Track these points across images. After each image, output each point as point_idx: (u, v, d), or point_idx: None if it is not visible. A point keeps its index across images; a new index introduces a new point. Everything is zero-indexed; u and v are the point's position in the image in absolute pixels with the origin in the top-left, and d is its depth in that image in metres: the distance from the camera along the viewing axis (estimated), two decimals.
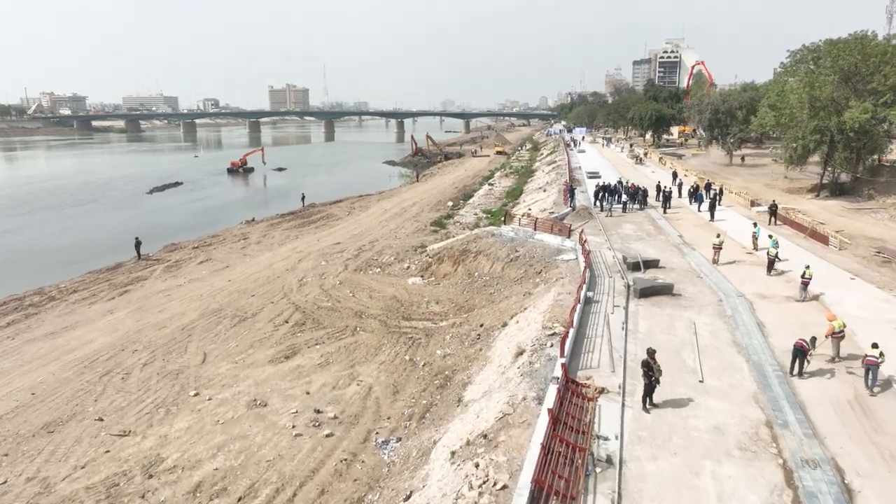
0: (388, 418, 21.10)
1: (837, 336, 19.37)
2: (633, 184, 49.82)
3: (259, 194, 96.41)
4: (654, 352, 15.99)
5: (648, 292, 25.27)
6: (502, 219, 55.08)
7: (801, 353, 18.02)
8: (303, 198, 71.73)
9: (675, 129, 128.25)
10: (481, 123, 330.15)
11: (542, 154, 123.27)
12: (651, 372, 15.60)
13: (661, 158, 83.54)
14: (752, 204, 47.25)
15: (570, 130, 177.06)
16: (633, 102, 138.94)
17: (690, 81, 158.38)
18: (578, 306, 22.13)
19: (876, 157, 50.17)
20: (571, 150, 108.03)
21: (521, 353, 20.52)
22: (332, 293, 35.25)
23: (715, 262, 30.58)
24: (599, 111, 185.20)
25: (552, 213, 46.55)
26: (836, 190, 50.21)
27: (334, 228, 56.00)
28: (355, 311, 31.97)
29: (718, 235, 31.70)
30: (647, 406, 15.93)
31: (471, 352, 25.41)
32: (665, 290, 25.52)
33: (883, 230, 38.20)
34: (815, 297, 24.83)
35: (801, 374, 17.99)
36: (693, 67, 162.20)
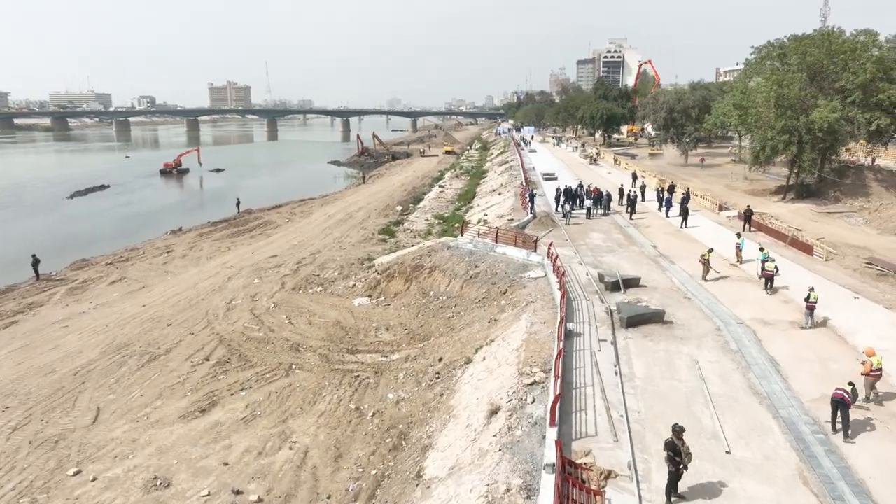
0: (328, 497, 16.60)
1: (875, 374, 16.08)
2: (595, 187, 46.54)
3: (193, 198, 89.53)
4: (683, 431, 12.11)
5: (637, 321, 21.57)
6: (457, 225, 51.08)
7: (842, 405, 14.52)
8: (237, 203, 65.86)
9: (623, 128, 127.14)
10: (428, 122, 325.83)
11: (492, 154, 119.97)
12: (678, 457, 11.72)
13: (615, 159, 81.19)
14: (721, 208, 44.61)
15: (518, 129, 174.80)
16: (582, 101, 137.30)
17: (637, 80, 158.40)
18: (560, 345, 18.14)
19: (840, 157, 48.34)
20: (522, 149, 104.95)
21: (495, 410, 16.37)
22: (264, 319, 30.34)
23: (704, 278, 27.23)
24: (547, 110, 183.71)
25: (511, 219, 42.73)
26: (803, 192, 48.20)
27: (272, 238, 50.72)
28: (291, 343, 27.20)
29: (711, 251, 28.37)
30: (673, 499, 12.03)
31: (429, 396, 21.15)
32: (655, 318, 21.87)
33: (862, 236, 35.89)
34: (823, 323, 21.62)
35: (845, 433, 14.47)
36: (640, 66, 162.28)
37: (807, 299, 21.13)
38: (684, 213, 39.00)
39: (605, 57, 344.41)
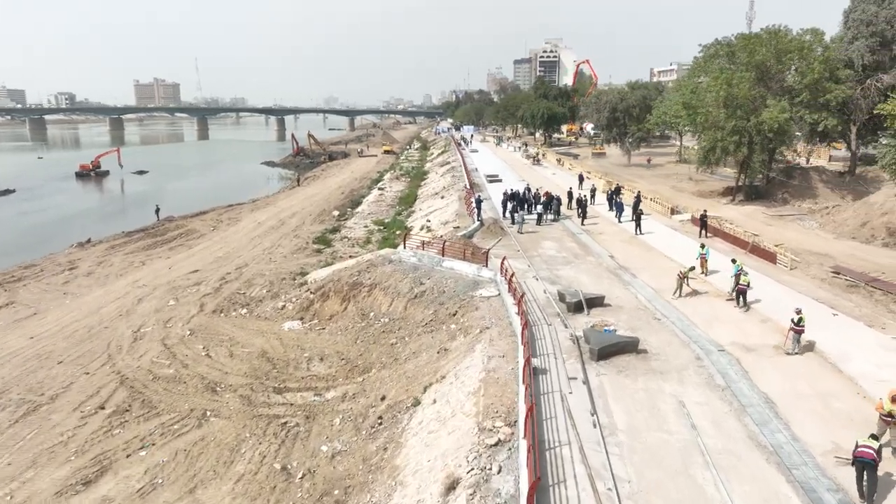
0: None
1: (888, 421, 13.85)
2: (546, 191, 44.07)
3: (111, 204, 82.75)
4: None
5: (608, 352, 18.82)
6: (398, 232, 47.72)
7: (869, 467, 12.07)
8: (157, 210, 60.21)
9: (563, 128, 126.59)
10: (366, 121, 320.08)
11: (432, 154, 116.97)
12: None
13: (559, 159, 79.54)
14: (673, 212, 42.93)
15: (457, 129, 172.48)
16: (521, 100, 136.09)
17: (575, 80, 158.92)
18: (528, 397, 15.12)
19: (788, 158, 47.66)
20: (463, 149, 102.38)
21: (452, 485, 13.18)
22: (177, 351, 26.18)
23: (676, 294, 24.86)
24: (487, 109, 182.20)
25: (457, 227, 39.66)
26: (752, 194, 47.24)
27: (194, 250, 45.96)
28: (207, 382, 23.25)
29: (692, 268, 25.97)
30: None
31: (371, 449, 17.78)
32: (629, 348, 19.19)
33: (820, 241, 34.63)
34: (810, 347, 19.46)
35: (870, 498, 12.05)
36: (578, 66, 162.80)
37: (796, 323, 18.89)
38: (638, 219, 36.90)
39: (542, 57, 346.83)
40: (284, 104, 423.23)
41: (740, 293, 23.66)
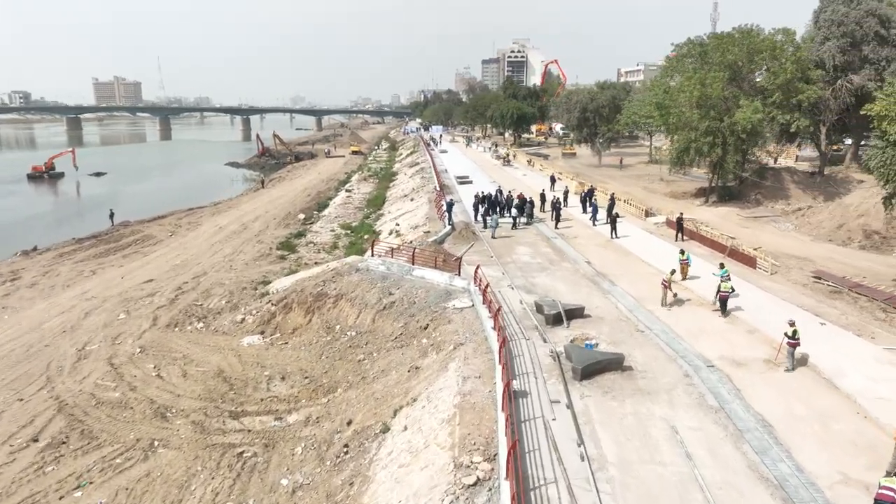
0: None
1: None
2: (520, 193, 42.79)
3: (64, 208, 78.94)
4: None
5: (592, 371, 17.51)
6: (366, 237, 45.98)
7: None
8: (111, 215, 57.23)
9: (533, 128, 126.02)
10: (334, 121, 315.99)
11: (401, 154, 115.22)
12: None
13: (529, 160, 78.52)
14: (647, 214, 42.07)
15: (426, 128, 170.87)
16: (491, 100, 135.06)
17: (544, 80, 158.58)
18: (510, 430, 13.68)
19: (761, 158, 47.26)
20: (433, 149, 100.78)
21: None
22: (125, 371, 24.13)
23: (663, 304, 23.71)
24: (455, 109, 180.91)
25: (427, 231, 38.18)
26: (725, 195, 46.73)
27: (149, 257, 43.50)
28: (157, 407, 21.31)
29: (674, 272, 24.74)
30: None
31: (336, 483, 16.16)
32: (613, 365, 17.91)
33: (797, 244, 34.04)
34: (803, 361, 18.42)
35: None
36: (546, 66, 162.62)
37: (790, 337, 17.82)
38: (613, 223, 35.84)
39: (510, 57, 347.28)
40: (250, 104, 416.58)
41: (722, 300, 22.66)
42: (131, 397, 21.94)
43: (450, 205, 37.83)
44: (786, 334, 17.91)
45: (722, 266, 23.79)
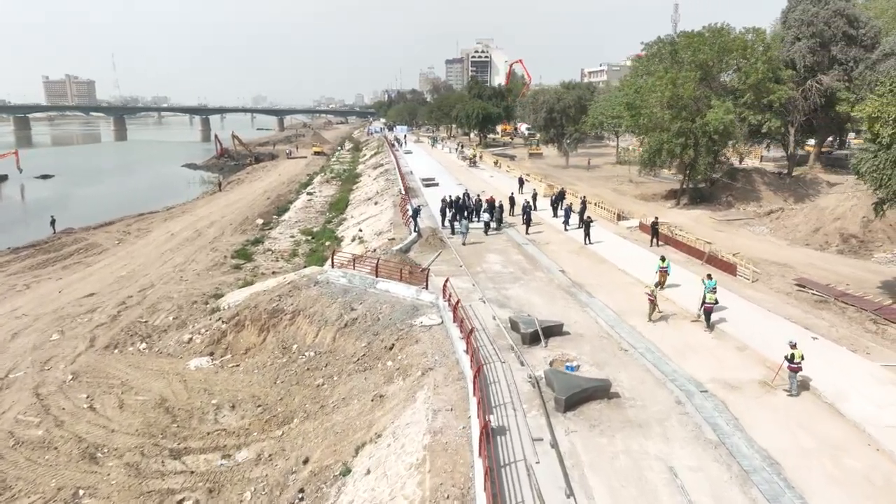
0: None
1: None
2: (490, 196, 41.06)
3: (5, 213, 74.20)
4: None
5: (576, 400, 15.77)
6: (327, 244, 43.71)
7: None
8: (52, 222, 53.50)
9: (498, 128, 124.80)
10: (296, 121, 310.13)
11: (364, 155, 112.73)
12: None
13: (496, 161, 76.99)
14: (619, 218, 40.78)
15: (391, 129, 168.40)
16: (456, 100, 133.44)
17: (508, 79, 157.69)
18: (486, 471, 11.80)
19: (732, 159, 46.47)
20: (397, 150, 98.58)
21: None
22: (52, 403, 21.52)
23: (650, 319, 22.14)
24: (420, 109, 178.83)
25: (392, 238, 36.13)
26: (696, 197, 45.84)
27: (93, 268, 40.41)
28: (86, 447, 18.83)
29: (658, 285, 23.10)
30: None
31: None
32: (599, 393, 16.20)
33: (774, 249, 33.05)
34: (803, 384, 16.98)
35: None
36: (511, 65, 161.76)
37: (790, 360, 16.38)
38: (586, 228, 34.32)
39: (474, 57, 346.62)
40: (210, 103, 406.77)
41: (707, 313, 21.25)
42: (57, 435, 19.40)
43: (416, 211, 35.84)
44: (786, 357, 16.43)
45: (710, 277, 22.35)
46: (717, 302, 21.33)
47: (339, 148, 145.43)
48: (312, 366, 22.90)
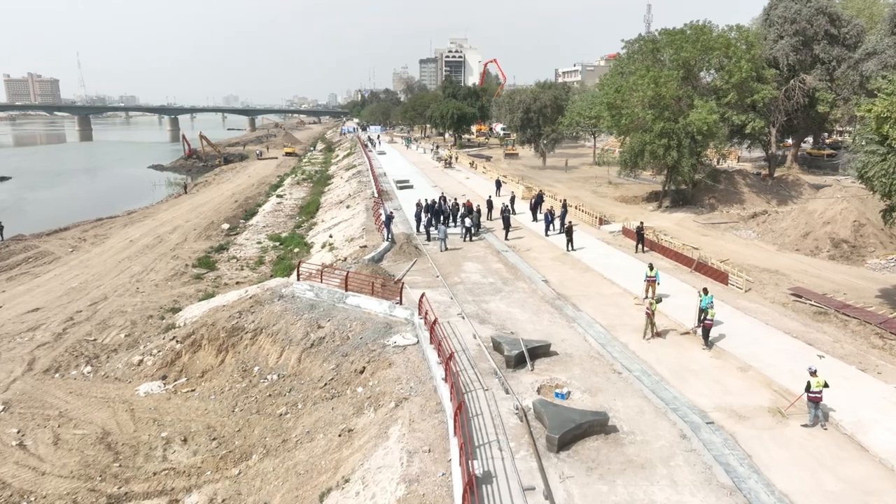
0: None
1: None
2: (468, 200, 39.21)
3: None
4: None
5: (570, 437, 13.95)
6: (296, 250, 41.43)
7: None
8: None
9: (473, 128, 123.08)
10: (268, 121, 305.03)
11: (337, 156, 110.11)
12: None
13: (472, 162, 75.22)
14: (601, 222, 39.23)
15: (364, 129, 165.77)
16: (430, 100, 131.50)
17: (483, 79, 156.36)
18: None
19: (713, 161, 45.26)
20: (370, 151, 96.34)
21: None
22: None
23: (645, 337, 20.44)
24: (394, 109, 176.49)
25: (363, 246, 34.07)
26: (679, 199, 44.54)
27: (41, 279, 37.55)
28: (9, 495, 16.46)
29: (659, 300, 21.11)
30: None
31: None
32: (595, 428, 14.40)
33: (763, 255, 31.74)
34: (824, 416, 15.35)
35: None
36: (485, 65, 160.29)
37: (809, 390, 14.76)
38: (569, 234, 32.65)
39: (447, 57, 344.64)
40: (180, 103, 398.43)
41: (706, 330, 19.63)
42: None
43: (389, 217, 33.80)
44: (808, 387, 14.77)
45: (706, 292, 20.74)
46: (713, 318, 19.71)
47: (311, 148, 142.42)
48: (275, 391, 20.77)
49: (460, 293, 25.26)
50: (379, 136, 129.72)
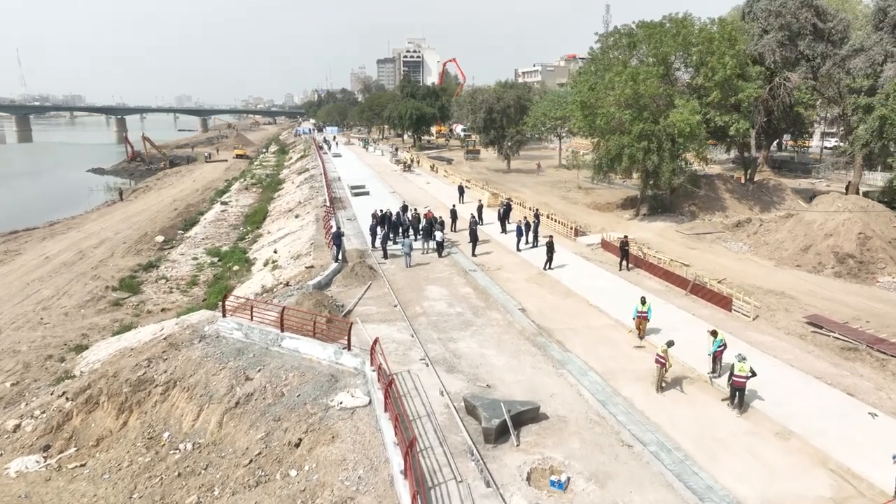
0: None
1: None
2: (428, 211, 35.01)
3: None
4: None
5: None
6: (235, 268, 36.56)
7: None
8: None
9: (433, 129, 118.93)
10: (221, 121, 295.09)
11: (290, 158, 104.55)
12: None
13: (432, 166, 70.98)
14: (577, 233, 35.50)
15: (320, 130, 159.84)
16: (388, 100, 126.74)
17: (442, 79, 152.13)
18: None
19: (694, 165, 42.04)
20: (326, 153, 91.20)
21: None
22: None
23: (658, 389, 16.51)
24: (351, 109, 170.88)
25: (310, 266, 29.44)
26: (657, 206, 41.19)
27: None
28: None
29: (671, 343, 16.85)
30: None
31: None
32: None
33: (761, 271, 28.38)
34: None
35: None
36: (444, 65, 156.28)
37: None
38: (549, 250, 28.57)
39: (406, 57, 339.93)
40: (130, 103, 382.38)
41: (737, 389, 15.53)
42: None
43: (337, 236, 29.17)
44: None
45: (715, 334, 16.99)
46: (753, 374, 15.58)
47: (263, 150, 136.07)
48: (187, 468, 16.14)
49: (423, 328, 21.00)
50: (336, 138, 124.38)
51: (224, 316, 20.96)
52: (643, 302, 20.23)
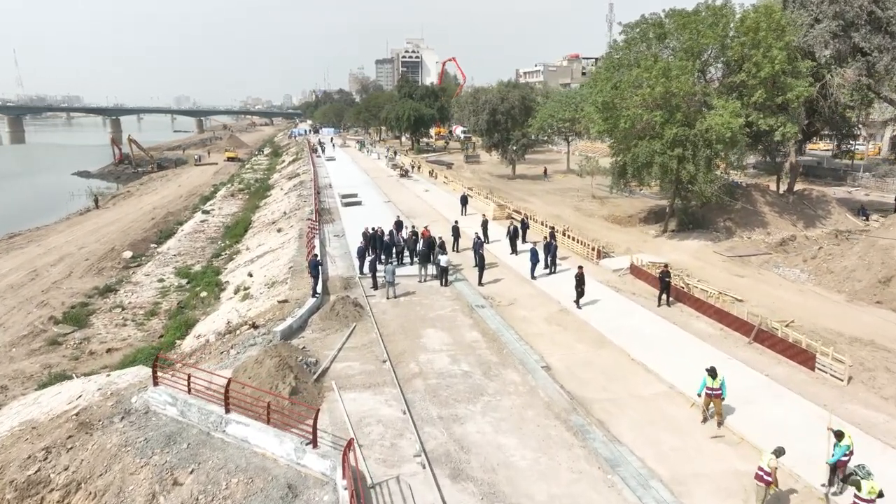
0: None
1: None
2: (426, 229, 29.94)
3: None
4: None
5: None
6: (203, 294, 31.41)
7: None
8: None
9: (431, 131, 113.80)
10: (217, 122, 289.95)
11: (283, 161, 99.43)
12: None
13: (431, 171, 65.77)
14: (600, 255, 30.36)
15: (316, 131, 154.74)
16: (385, 100, 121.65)
17: (441, 79, 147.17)
18: None
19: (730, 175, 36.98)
20: (319, 156, 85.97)
21: None
22: None
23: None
24: (347, 110, 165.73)
25: (284, 301, 24.28)
26: (687, 222, 36.08)
27: None
28: None
29: (781, 452, 11.81)
30: None
31: None
32: None
33: (833, 309, 23.23)
34: None
35: None
36: (444, 64, 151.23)
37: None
38: (580, 283, 23.23)
39: (404, 57, 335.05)
40: (128, 104, 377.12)
41: None
42: None
43: (315, 266, 23.91)
44: None
45: (840, 436, 11.94)
46: (881, 495, 10.59)
47: (257, 153, 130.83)
48: None
49: (419, 400, 15.90)
50: (332, 139, 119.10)
51: (155, 384, 15.80)
52: (713, 374, 14.88)
